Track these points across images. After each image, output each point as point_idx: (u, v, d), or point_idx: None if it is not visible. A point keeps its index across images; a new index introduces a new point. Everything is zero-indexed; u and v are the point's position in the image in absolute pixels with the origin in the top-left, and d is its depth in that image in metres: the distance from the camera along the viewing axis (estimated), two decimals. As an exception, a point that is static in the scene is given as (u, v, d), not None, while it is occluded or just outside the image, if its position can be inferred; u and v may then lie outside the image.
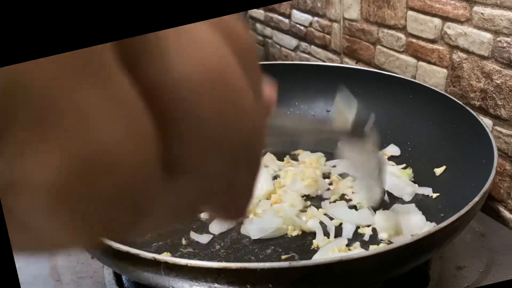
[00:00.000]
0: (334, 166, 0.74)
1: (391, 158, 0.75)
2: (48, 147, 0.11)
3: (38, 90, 0.10)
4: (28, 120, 0.10)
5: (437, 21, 0.76)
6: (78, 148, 0.11)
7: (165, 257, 0.42)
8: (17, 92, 0.10)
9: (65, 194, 0.11)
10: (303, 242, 0.60)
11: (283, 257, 0.58)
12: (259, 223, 0.61)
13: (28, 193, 0.11)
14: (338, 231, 0.61)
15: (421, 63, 0.81)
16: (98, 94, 0.11)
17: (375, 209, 0.63)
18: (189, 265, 0.41)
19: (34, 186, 0.11)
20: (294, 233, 0.61)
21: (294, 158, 0.77)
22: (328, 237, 0.60)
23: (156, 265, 0.42)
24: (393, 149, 0.75)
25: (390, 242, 0.58)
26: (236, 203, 0.16)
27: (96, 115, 0.11)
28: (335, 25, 1.01)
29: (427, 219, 0.62)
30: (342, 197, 0.68)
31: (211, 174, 0.14)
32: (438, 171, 0.68)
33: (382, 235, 0.60)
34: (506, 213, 0.71)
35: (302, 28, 1.12)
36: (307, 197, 0.68)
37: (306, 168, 0.71)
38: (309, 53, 1.12)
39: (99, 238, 0.13)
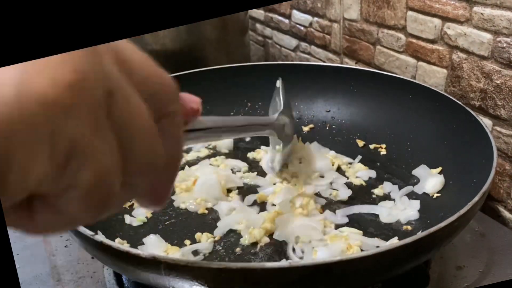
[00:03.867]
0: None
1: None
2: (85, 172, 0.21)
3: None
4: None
5: (437, 21, 0.76)
6: (97, 169, 0.21)
7: (165, 257, 0.42)
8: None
9: (92, 191, 0.21)
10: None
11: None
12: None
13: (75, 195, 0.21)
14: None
15: (421, 63, 0.81)
16: (94, 134, 0.21)
17: None
18: (189, 265, 0.41)
19: (77, 193, 0.21)
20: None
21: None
22: None
23: (156, 265, 0.42)
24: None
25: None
26: (158, 195, 0.27)
27: (103, 152, 0.21)
28: (335, 25, 1.01)
29: (427, 219, 0.62)
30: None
31: (144, 182, 0.25)
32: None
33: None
34: (505, 213, 0.71)
35: (302, 28, 1.13)
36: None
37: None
38: (309, 53, 1.12)
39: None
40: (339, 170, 0.75)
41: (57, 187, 0.21)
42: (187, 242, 0.60)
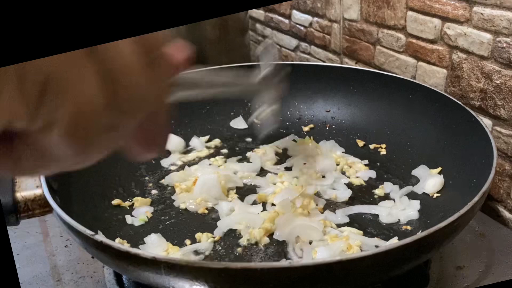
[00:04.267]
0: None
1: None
2: (63, 106, 0.20)
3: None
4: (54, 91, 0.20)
5: (436, 21, 0.76)
6: (76, 105, 0.21)
7: (165, 257, 0.42)
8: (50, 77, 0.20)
9: (73, 129, 0.21)
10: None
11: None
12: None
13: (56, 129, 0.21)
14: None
15: (420, 63, 0.81)
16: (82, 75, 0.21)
17: None
18: (189, 265, 0.41)
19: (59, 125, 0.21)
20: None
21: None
22: None
23: (156, 265, 0.42)
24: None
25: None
26: (153, 142, 0.27)
27: (81, 86, 0.21)
28: (335, 25, 1.01)
29: (427, 219, 0.62)
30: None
31: (133, 123, 0.24)
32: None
33: None
34: (505, 213, 0.71)
35: (302, 28, 1.12)
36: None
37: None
38: (309, 53, 1.12)
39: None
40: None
41: (35, 123, 0.20)
42: (188, 242, 0.60)
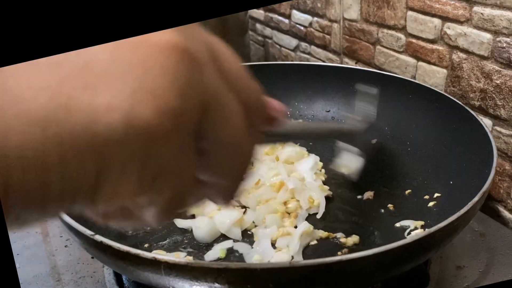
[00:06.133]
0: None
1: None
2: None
3: None
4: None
5: (437, 21, 0.76)
6: (171, 192, 0.23)
7: (165, 257, 0.42)
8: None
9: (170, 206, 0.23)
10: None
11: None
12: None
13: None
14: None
15: (421, 63, 0.81)
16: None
17: None
18: (189, 265, 0.41)
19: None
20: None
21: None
22: None
23: (156, 265, 0.42)
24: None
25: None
26: (229, 193, 0.27)
27: (188, 170, 0.24)
28: (335, 25, 1.01)
29: (427, 219, 0.62)
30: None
31: (221, 178, 0.25)
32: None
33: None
34: (505, 213, 0.71)
35: (302, 28, 1.12)
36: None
37: None
38: (309, 53, 1.12)
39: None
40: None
41: (137, 202, 0.22)
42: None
